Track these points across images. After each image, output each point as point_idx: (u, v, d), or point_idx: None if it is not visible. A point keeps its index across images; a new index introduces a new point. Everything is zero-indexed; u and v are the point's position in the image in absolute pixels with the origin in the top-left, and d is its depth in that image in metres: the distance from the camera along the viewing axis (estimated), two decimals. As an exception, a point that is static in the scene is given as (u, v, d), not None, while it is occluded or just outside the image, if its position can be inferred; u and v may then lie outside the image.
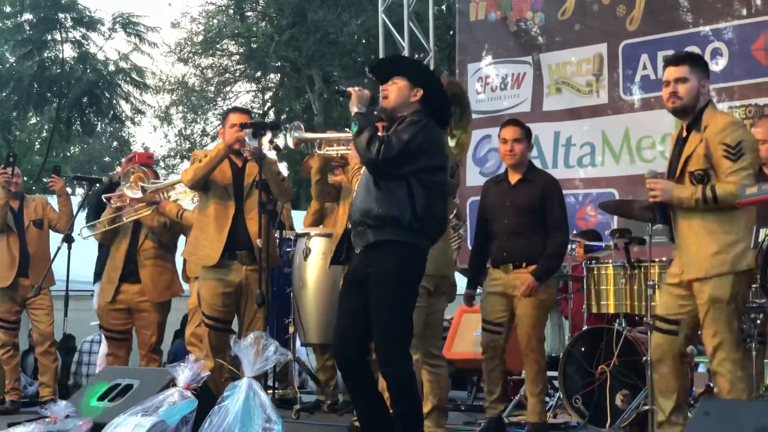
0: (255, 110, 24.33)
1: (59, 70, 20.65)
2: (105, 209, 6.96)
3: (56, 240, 7.15)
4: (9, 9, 20.66)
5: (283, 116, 25.34)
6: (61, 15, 20.52)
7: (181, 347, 7.54)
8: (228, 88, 26.53)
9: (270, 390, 6.35)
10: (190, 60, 25.36)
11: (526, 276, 5.53)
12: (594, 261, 6.31)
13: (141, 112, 23.58)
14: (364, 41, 21.85)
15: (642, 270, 5.88)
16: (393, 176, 4.16)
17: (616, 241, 6.01)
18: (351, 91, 4.28)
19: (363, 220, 4.19)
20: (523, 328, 5.63)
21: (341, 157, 5.57)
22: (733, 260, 4.28)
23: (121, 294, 6.85)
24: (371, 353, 4.42)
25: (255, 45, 23.79)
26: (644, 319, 5.65)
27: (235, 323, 5.95)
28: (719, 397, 4.24)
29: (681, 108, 4.46)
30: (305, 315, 6.68)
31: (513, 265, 5.64)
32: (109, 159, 30.30)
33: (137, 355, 7.08)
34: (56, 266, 7.15)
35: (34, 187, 20.11)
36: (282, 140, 8.56)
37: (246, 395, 4.26)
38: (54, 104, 21.18)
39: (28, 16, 20.55)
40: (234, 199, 5.77)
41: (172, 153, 28.77)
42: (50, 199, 7.71)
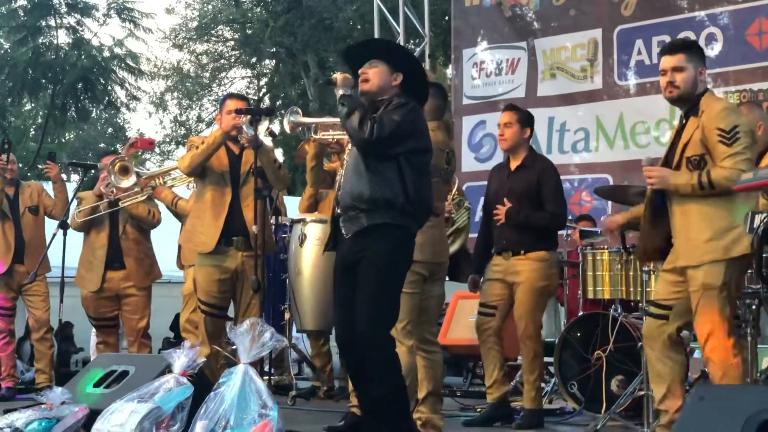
0: (250, 96, 24.28)
1: (54, 56, 20.56)
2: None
3: (52, 226, 7.15)
4: (3, -6, 20.62)
5: (279, 102, 25.31)
6: (56, 1, 20.43)
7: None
8: (223, 74, 26.49)
9: (266, 376, 6.36)
10: (185, 46, 25.32)
11: (529, 263, 5.56)
12: (589, 247, 6.31)
13: (136, 98, 23.53)
14: (360, 27, 21.78)
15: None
16: (385, 157, 4.14)
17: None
18: (336, 77, 4.26)
19: (355, 204, 4.15)
20: (520, 314, 5.63)
21: (337, 143, 5.57)
22: (726, 246, 4.26)
23: (107, 282, 6.90)
24: None
25: (250, 31, 23.74)
26: (640, 305, 5.69)
27: (231, 309, 5.96)
28: (714, 383, 4.25)
29: (678, 97, 4.45)
30: (301, 301, 6.68)
31: (512, 253, 5.66)
32: (105, 145, 30.20)
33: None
34: (52, 253, 7.15)
35: (30, 174, 20.07)
36: (278, 126, 8.55)
37: (242, 381, 4.26)
38: (49, 90, 21.09)
39: (23, 2, 20.46)
40: (231, 186, 5.76)
41: (168, 139, 28.76)
42: (46, 186, 7.70)
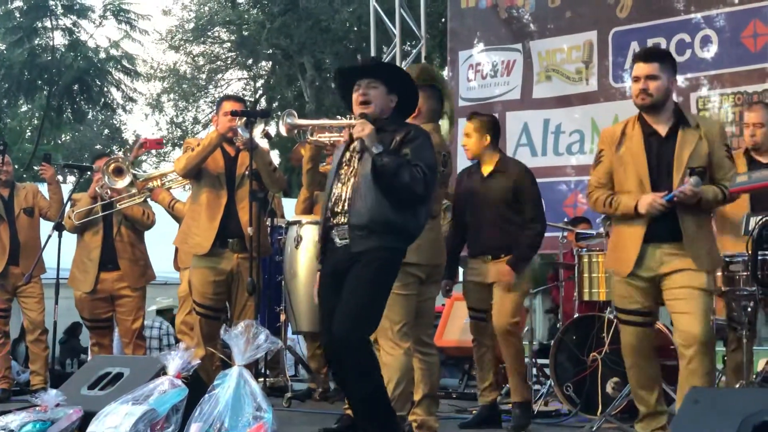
0: (246, 98, 24.26)
1: (50, 58, 20.55)
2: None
3: (47, 228, 7.14)
4: (-1, -4, 20.61)
5: (275, 104, 25.30)
6: (52, 2, 20.43)
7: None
8: (219, 76, 26.48)
9: (261, 378, 6.36)
10: (182, 47, 25.31)
11: (503, 266, 5.54)
12: (585, 249, 6.32)
13: (132, 100, 23.52)
14: (356, 29, 21.79)
15: (633, 257, 5.88)
16: None
17: (608, 229, 6.01)
18: (363, 128, 4.21)
19: (369, 226, 4.15)
20: (498, 313, 5.61)
21: (332, 146, 5.56)
22: (717, 259, 4.49)
23: (100, 283, 6.91)
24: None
25: (246, 32, 23.74)
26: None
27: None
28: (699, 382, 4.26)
29: (651, 105, 4.47)
30: (296, 303, 6.68)
31: (492, 256, 5.65)
32: (101, 146, 30.18)
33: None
34: (46, 254, 7.14)
35: (25, 175, 20.04)
36: (274, 128, 8.55)
37: (236, 383, 4.25)
38: (45, 92, 21.08)
39: (19, 3, 20.46)
40: (226, 188, 5.77)
41: (164, 141, 28.71)
42: (41, 187, 7.69)
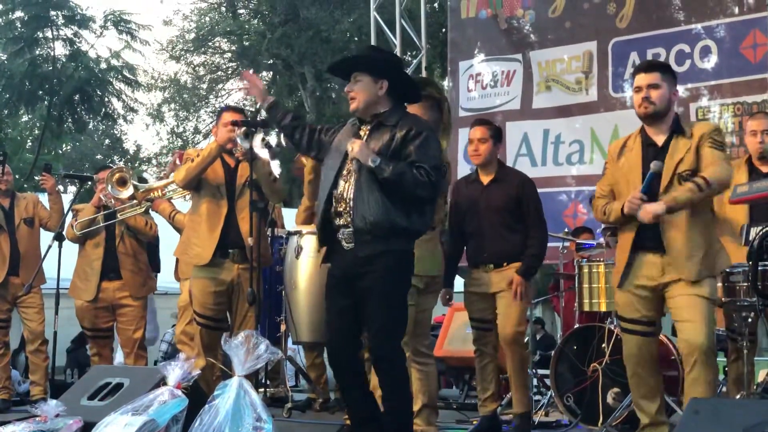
0: (247, 108, 24.29)
1: (51, 68, 20.54)
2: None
3: (47, 238, 7.14)
4: (0, 6, 20.59)
5: (276, 114, 25.31)
6: (53, 13, 20.42)
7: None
8: (220, 86, 26.53)
9: (262, 388, 6.35)
10: (183, 58, 25.35)
11: (511, 273, 5.54)
12: (585, 259, 6.31)
13: (133, 110, 23.48)
14: (356, 39, 21.83)
15: (633, 268, 5.87)
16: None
17: (608, 239, 6.01)
18: (353, 149, 4.19)
19: (370, 230, 4.15)
20: (503, 323, 5.61)
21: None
22: (715, 265, 4.40)
23: (102, 292, 6.92)
24: (363, 350, 4.45)
25: (247, 42, 23.79)
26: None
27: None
28: (701, 392, 4.26)
29: (653, 113, 4.49)
30: (297, 313, 6.67)
31: (494, 265, 5.64)
32: (101, 157, 30.21)
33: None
34: (46, 264, 7.14)
35: (26, 185, 20.03)
36: (274, 138, 8.56)
37: (236, 394, 4.25)
38: (45, 102, 21.07)
39: (20, 14, 20.44)
40: (226, 199, 5.77)
41: (165, 151, 28.77)
42: (41, 197, 7.69)
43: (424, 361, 4.99)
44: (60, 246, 6.90)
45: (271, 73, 25.71)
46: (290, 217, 8.31)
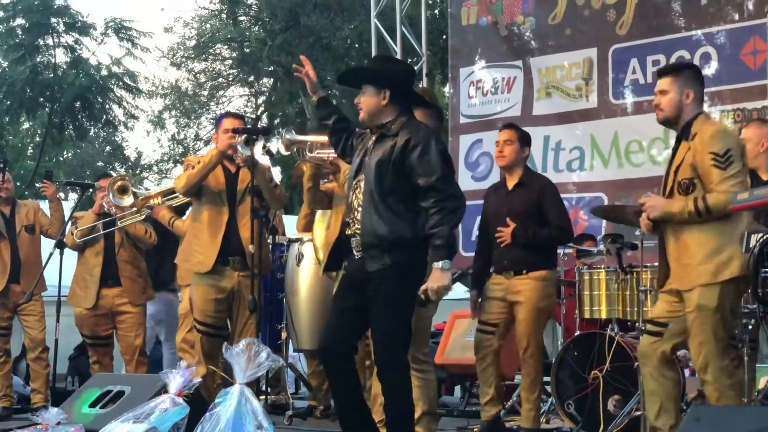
0: (248, 115, 24.31)
1: (52, 75, 20.58)
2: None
3: (47, 245, 7.14)
4: (1, 14, 20.61)
5: (276, 120, 25.35)
6: (54, 20, 20.46)
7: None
8: (221, 93, 26.50)
9: (263, 396, 6.34)
10: (183, 64, 25.33)
11: (531, 282, 5.57)
12: (586, 266, 6.31)
13: (134, 117, 23.52)
14: (357, 46, 21.83)
15: (634, 275, 5.88)
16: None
17: (609, 246, 6.02)
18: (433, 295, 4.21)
19: (376, 243, 4.19)
20: (522, 333, 5.65)
21: (332, 163, 5.57)
22: (716, 270, 4.27)
23: (101, 299, 6.93)
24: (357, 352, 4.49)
25: (248, 49, 23.77)
26: (637, 325, 5.69)
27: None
28: (710, 404, 4.25)
29: (664, 119, 4.52)
30: (298, 320, 6.67)
31: (514, 272, 5.67)
32: (102, 164, 30.20)
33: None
34: (47, 272, 7.14)
35: (27, 192, 20.05)
36: (275, 145, 8.56)
37: (238, 401, 4.25)
38: (46, 109, 21.10)
39: (21, 21, 20.49)
40: (227, 206, 5.78)
41: (165, 158, 28.76)
42: (42, 205, 7.70)
43: (424, 369, 4.99)
44: (61, 253, 6.91)
45: (272, 80, 25.72)
46: (291, 225, 8.31)
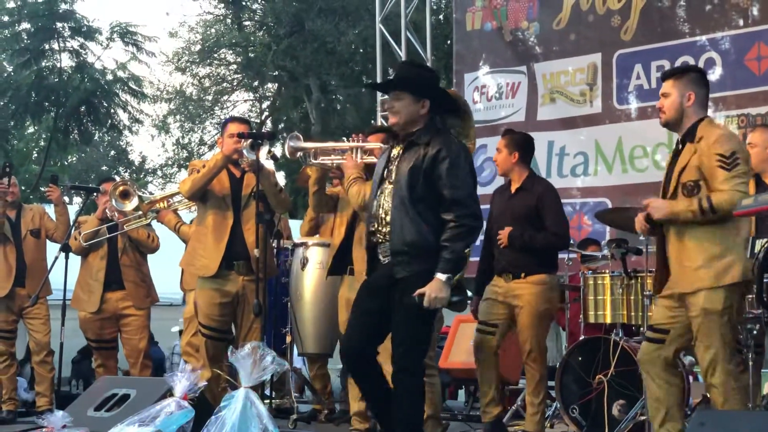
0: (252, 119, 24.33)
1: (57, 79, 20.59)
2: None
3: (53, 249, 7.16)
4: (7, 18, 20.66)
5: (281, 125, 25.38)
6: (59, 24, 20.48)
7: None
8: (225, 98, 26.54)
9: (267, 400, 6.35)
10: (188, 69, 25.37)
11: (529, 286, 5.58)
12: (591, 271, 6.32)
13: (139, 122, 23.54)
14: (362, 51, 21.86)
15: (639, 280, 5.88)
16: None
17: (613, 251, 6.02)
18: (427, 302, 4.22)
19: (406, 250, 4.24)
20: (525, 338, 5.66)
21: (338, 168, 5.59)
22: (717, 274, 4.27)
23: (105, 303, 6.96)
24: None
25: (252, 54, 23.81)
26: (641, 330, 5.68)
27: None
28: (715, 408, 4.25)
29: (665, 123, 4.55)
30: (302, 324, 6.68)
31: (513, 275, 5.68)
32: (107, 168, 30.25)
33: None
34: (52, 275, 7.16)
35: (32, 196, 20.08)
36: (280, 149, 8.58)
37: (243, 405, 4.27)
38: (51, 113, 21.13)
39: (26, 26, 20.52)
40: (232, 210, 5.78)
41: (170, 162, 28.80)
42: (48, 209, 7.72)
43: (429, 373, 5.01)
44: (66, 257, 6.92)
45: (277, 85, 25.76)
46: (296, 229, 8.32)
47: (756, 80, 7.40)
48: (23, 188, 9.40)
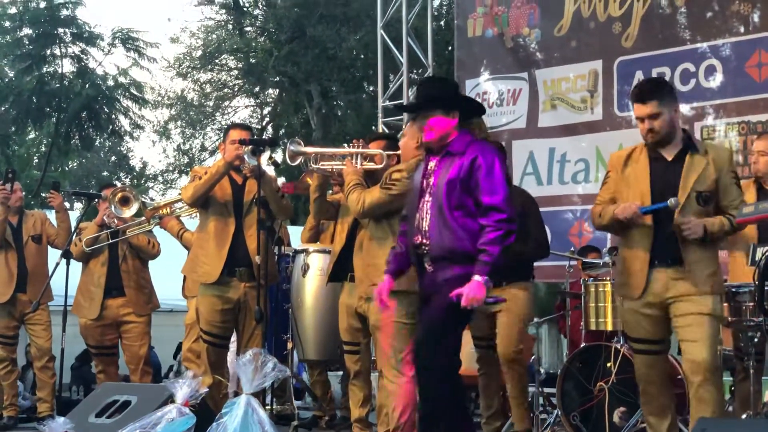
0: (253, 125, 24.33)
1: (58, 85, 20.65)
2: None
3: (54, 255, 7.17)
4: (9, 24, 20.69)
5: (282, 131, 25.38)
6: (61, 30, 20.53)
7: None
8: (227, 103, 26.54)
9: (268, 406, 6.35)
10: (189, 75, 25.38)
11: (511, 294, 5.60)
12: (592, 278, 6.32)
13: (140, 127, 23.57)
14: (363, 56, 21.87)
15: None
16: None
17: (614, 258, 6.02)
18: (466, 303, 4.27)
19: (445, 256, 4.32)
20: (503, 341, 5.65)
21: (339, 175, 5.59)
22: (721, 283, 4.46)
23: (106, 309, 6.96)
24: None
25: (254, 60, 23.82)
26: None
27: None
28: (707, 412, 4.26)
29: (660, 140, 4.53)
30: (303, 331, 6.68)
31: (494, 284, 5.66)
32: (108, 173, 30.26)
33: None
34: (53, 281, 7.17)
35: (33, 202, 20.10)
36: (280, 155, 8.58)
37: (244, 412, 4.28)
38: (53, 119, 21.17)
39: (28, 31, 20.56)
40: (234, 216, 5.79)
41: (171, 168, 28.79)
42: (49, 214, 7.73)
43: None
44: (68, 263, 6.93)
45: (278, 91, 25.77)
46: (296, 236, 8.32)
47: (757, 87, 7.40)
48: (24, 194, 9.40)
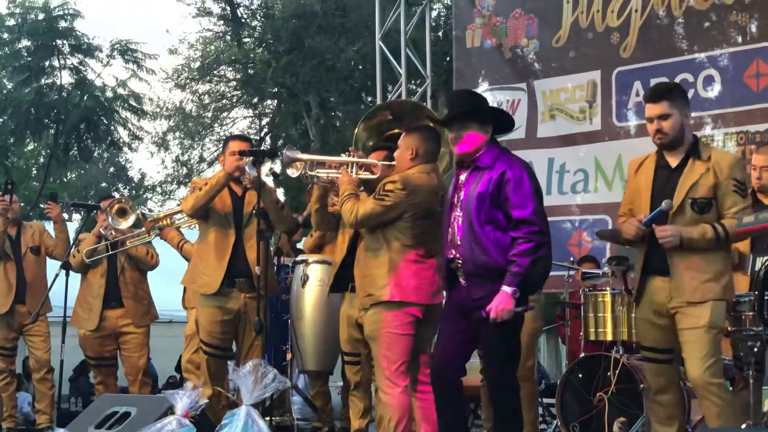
0: (252, 136, 24.34)
1: (57, 97, 20.63)
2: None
3: (53, 267, 7.16)
4: (7, 36, 20.70)
5: (280, 142, 25.36)
6: (59, 42, 20.53)
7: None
8: (225, 114, 26.53)
9: (267, 417, 6.34)
10: (188, 86, 25.40)
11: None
12: (591, 288, 6.32)
13: (138, 138, 23.58)
14: (361, 67, 21.89)
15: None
16: None
17: (614, 269, 6.02)
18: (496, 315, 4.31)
19: (478, 272, 4.36)
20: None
21: (333, 183, 5.58)
22: (723, 290, 4.39)
23: (104, 320, 6.96)
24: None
25: (252, 71, 23.84)
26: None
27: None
28: (711, 425, 4.25)
29: (668, 143, 4.53)
30: (303, 342, 6.68)
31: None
32: (106, 185, 30.24)
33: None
34: (52, 293, 7.16)
35: (31, 213, 20.07)
36: (280, 166, 8.59)
37: (244, 423, 4.27)
38: (51, 130, 21.16)
39: (26, 43, 20.56)
40: (234, 227, 5.79)
41: (169, 179, 28.77)
42: (47, 226, 7.73)
43: (425, 389, 5.00)
44: (66, 275, 6.93)
45: (276, 102, 25.79)
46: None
47: (755, 97, 7.41)
48: (23, 205, 9.38)
